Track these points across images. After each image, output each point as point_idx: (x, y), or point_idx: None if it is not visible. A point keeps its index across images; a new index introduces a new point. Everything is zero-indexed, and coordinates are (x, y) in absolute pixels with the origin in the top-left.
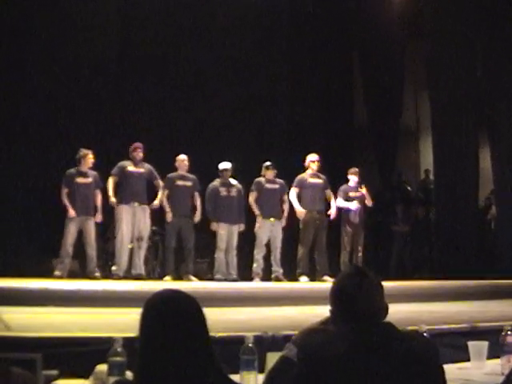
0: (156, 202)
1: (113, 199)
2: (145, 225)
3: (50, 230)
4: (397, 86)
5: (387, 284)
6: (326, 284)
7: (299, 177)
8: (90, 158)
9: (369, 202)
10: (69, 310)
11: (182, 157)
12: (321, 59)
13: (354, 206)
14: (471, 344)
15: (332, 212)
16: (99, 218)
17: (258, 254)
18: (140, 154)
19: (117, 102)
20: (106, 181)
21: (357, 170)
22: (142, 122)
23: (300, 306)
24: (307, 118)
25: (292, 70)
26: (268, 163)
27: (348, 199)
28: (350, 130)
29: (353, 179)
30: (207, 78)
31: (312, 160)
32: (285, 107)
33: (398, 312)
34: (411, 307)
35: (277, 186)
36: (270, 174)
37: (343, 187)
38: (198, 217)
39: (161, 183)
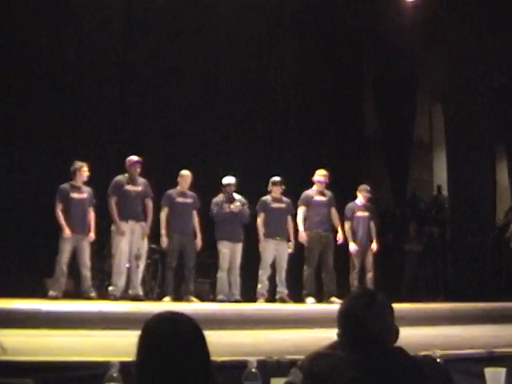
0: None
1: (118, 222)
2: (143, 243)
3: (42, 247)
4: (410, 97)
5: (398, 306)
6: (334, 306)
7: (305, 194)
8: (84, 170)
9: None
10: (62, 332)
11: (186, 173)
12: (330, 67)
13: (352, 247)
14: (488, 371)
15: (339, 237)
16: (92, 237)
17: (263, 275)
18: (138, 170)
19: (115, 111)
20: (99, 197)
21: (367, 188)
22: (140, 132)
23: (306, 329)
24: (315, 130)
25: (300, 79)
26: (276, 179)
27: (354, 218)
28: (360, 142)
29: (362, 197)
30: (212, 87)
31: (319, 180)
32: (292, 119)
33: (409, 336)
34: (424, 331)
35: (283, 206)
36: (277, 190)
37: (350, 205)
38: (199, 242)
39: (150, 203)
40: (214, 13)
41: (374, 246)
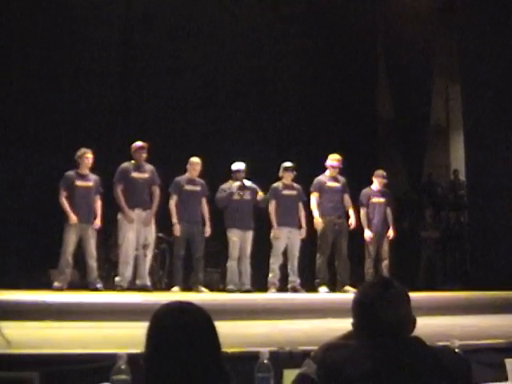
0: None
1: (126, 210)
2: (151, 231)
3: (47, 237)
4: (426, 78)
5: (415, 295)
6: (348, 295)
7: (317, 180)
8: (88, 157)
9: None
10: (68, 324)
11: (196, 160)
12: (342, 48)
13: (367, 235)
14: (509, 361)
15: (352, 222)
16: (98, 224)
17: (274, 264)
18: (144, 155)
19: (120, 97)
20: (106, 186)
21: (383, 173)
22: (147, 118)
23: (319, 319)
24: (327, 114)
25: (312, 61)
26: (287, 164)
27: (369, 205)
28: (374, 125)
29: (377, 183)
30: (219, 72)
31: (332, 165)
32: (303, 103)
33: (427, 326)
34: (442, 321)
35: (294, 193)
36: (289, 176)
37: (365, 191)
38: (208, 229)
39: (158, 190)
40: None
41: (391, 233)
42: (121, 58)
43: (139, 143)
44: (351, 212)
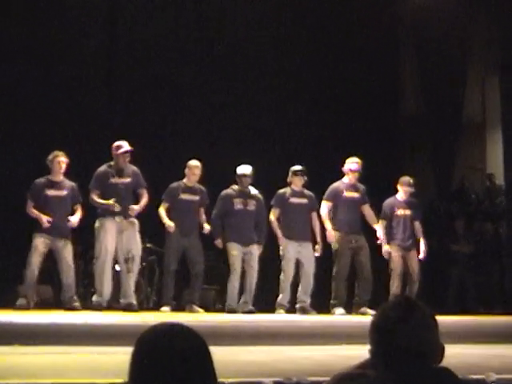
0: (136, 207)
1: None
2: (135, 242)
3: (15, 251)
4: (458, 68)
5: (444, 319)
6: (365, 318)
7: (333, 187)
8: (61, 161)
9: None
10: (39, 349)
11: (195, 163)
12: (362, 34)
13: (385, 250)
14: None
15: (380, 235)
16: (74, 223)
17: (285, 282)
18: (127, 160)
19: (104, 92)
20: (84, 193)
21: (410, 180)
22: (139, 117)
23: (332, 346)
24: (344, 111)
25: (325, 45)
26: (297, 167)
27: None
28: (395, 123)
29: (402, 192)
30: (225, 62)
31: (351, 168)
32: (315, 97)
33: (457, 356)
34: (476, 350)
35: (305, 201)
36: (299, 181)
37: (389, 201)
38: (206, 227)
39: (145, 193)
40: None
41: (422, 250)
42: (107, 50)
43: (122, 145)
44: (378, 227)
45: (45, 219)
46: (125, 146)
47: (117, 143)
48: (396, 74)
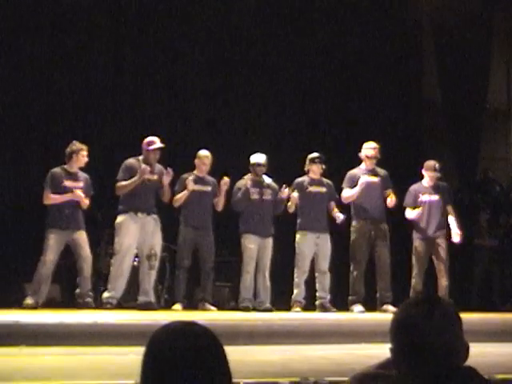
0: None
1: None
2: (158, 238)
3: (23, 247)
4: (482, 51)
5: (468, 316)
6: (387, 315)
7: (350, 174)
8: (83, 155)
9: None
10: (47, 350)
11: (205, 153)
12: (381, 22)
13: (412, 214)
14: None
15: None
16: (86, 203)
17: (300, 278)
18: (157, 157)
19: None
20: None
21: (435, 164)
22: (149, 106)
23: (351, 344)
24: (362, 96)
25: (342, 35)
26: (315, 155)
27: (417, 205)
28: (417, 110)
29: (428, 177)
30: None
31: (368, 155)
32: (331, 83)
33: (483, 355)
34: (502, 349)
35: (323, 190)
36: (317, 169)
37: (414, 187)
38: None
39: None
40: None
41: (456, 233)
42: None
43: (155, 141)
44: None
45: (74, 194)
46: (157, 142)
47: (149, 139)
48: (418, 62)
